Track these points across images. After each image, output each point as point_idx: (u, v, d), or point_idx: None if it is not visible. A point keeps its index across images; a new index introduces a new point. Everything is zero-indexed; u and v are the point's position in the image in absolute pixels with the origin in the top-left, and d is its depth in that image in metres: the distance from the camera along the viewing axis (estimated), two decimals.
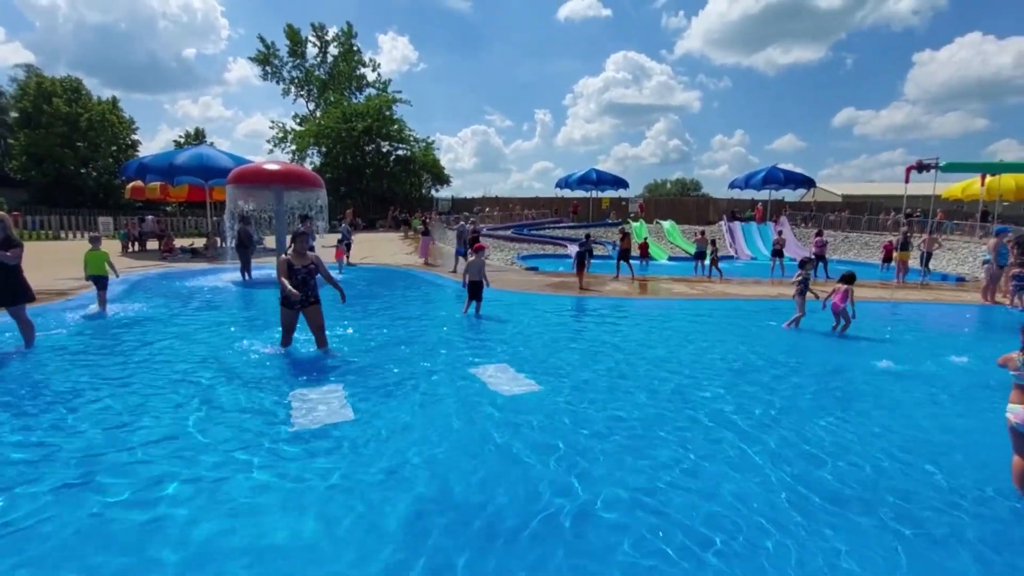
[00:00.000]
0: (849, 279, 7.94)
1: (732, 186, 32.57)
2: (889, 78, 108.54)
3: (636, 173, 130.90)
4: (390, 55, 75.61)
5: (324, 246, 13.76)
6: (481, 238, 18.74)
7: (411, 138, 41.73)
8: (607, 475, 3.50)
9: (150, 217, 22.83)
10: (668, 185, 79.90)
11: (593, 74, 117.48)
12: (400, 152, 41.67)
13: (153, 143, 72.89)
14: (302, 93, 45.28)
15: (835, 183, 51.74)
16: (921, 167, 6.00)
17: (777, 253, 17.60)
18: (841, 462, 3.75)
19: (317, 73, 44.57)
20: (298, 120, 43.84)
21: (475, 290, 8.84)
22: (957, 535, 2.91)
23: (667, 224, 27.46)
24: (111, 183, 36.85)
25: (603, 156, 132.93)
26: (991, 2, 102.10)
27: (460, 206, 37.75)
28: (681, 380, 5.66)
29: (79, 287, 10.46)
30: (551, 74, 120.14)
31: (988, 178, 20.08)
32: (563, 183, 33.65)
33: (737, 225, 27.27)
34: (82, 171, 36.87)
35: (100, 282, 8.60)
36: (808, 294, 8.26)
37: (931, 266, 16.82)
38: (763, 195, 31.99)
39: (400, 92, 43.08)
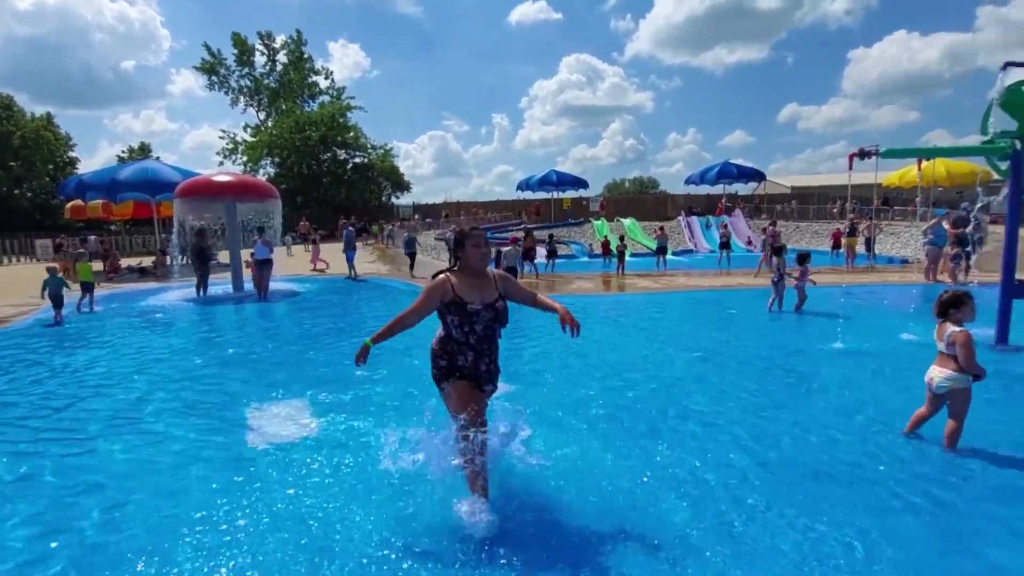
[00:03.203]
0: (803, 259, 8.90)
1: (688, 182, 33.47)
2: (828, 74, 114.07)
3: (595, 173, 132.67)
4: (342, 62, 74.38)
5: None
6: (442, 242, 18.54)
7: (368, 145, 41.13)
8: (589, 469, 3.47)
9: (92, 237, 21.65)
10: (627, 184, 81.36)
11: (547, 77, 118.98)
12: (357, 160, 41.00)
13: (94, 160, 68.95)
14: (252, 103, 43.97)
15: (783, 176, 53.67)
16: (863, 154, 6.24)
17: (724, 245, 18.31)
18: (813, 437, 3.86)
19: (267, 82, 43.37)
20: (249, 130, 42.57)
21: (512, 274, 10.36)
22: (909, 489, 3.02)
23: (627, 221, 27.93)
24: (48, 203, 34.81)
25: (562, 158, 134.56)
26: (914, 1, 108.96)
27: (422, 212, 37.43)
28: (654, 370, 5.72)
29: (15, 315, 9.81)
30: (506, 78, 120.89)
31: (924, 164, 21.33)
32: (524, 185, 33.80)
33: (695, 220, 27.99)
34: (16, 192, 34.74)
35: (90, 287, 10.20)
36: (788, 280, 8.97)
37: (877, 250, 17.71)
38: (717, 189, 32.99)
39: (354, 98, 42.46)
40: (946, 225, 11.72)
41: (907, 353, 5.99)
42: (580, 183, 33.39)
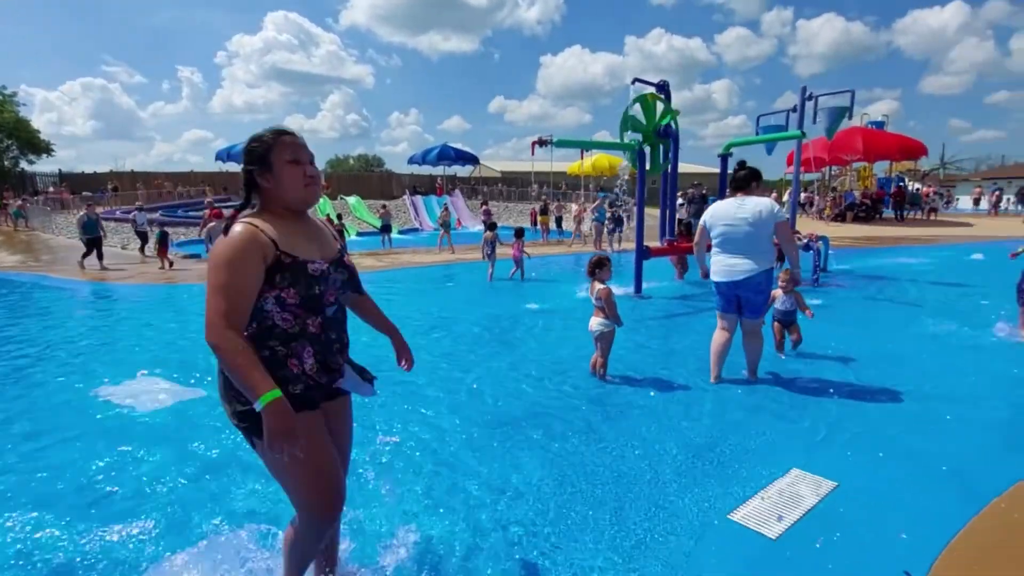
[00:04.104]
0: (519, 234, 10.14)
1: (411, 162, 34.26)
2: (526, 75, 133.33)
3: (315, 147, 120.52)
4: None
5: None
6: (111, 222, 15.30)
7: None
8: None
9: None
10: (351, 161, 78.70)
11: (250, 32, 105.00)
12: None
13: None
14: None
15: (495, 161, 60.05)
16: (542, 142, 7.41)
17: (444, 225, 19.62)
18: (503, 390, 4.38)
19: None
20: None
21: None
22: (582, 422, 3.73)
23: (352, 200, 27.10)
24: None
25: None
26: (584, 22, 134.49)
27: (78, 184, 28.91)
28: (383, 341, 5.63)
29: None
30: (194, 24, 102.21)
31: (591, 158, 26.87)
32: (225, 155, 29.28)
33: (419, 199, 28.95)
34: None
35: None
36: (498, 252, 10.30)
37: (564, 226, 21.44)
38: (438, 171, 34.79)
39: None
40: (606, 206, 14.93)
41: (581, 308, 7.38)
42: None
